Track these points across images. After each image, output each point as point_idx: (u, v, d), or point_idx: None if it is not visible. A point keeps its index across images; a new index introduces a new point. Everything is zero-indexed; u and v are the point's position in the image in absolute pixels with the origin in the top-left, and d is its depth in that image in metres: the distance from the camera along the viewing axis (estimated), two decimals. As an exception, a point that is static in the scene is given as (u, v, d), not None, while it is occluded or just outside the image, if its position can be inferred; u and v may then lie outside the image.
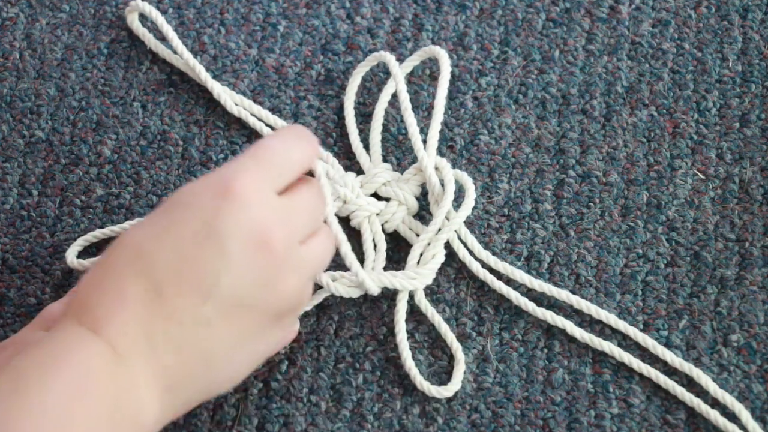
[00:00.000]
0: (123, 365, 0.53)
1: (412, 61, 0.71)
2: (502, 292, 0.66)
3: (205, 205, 0.55)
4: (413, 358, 0.65)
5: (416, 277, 0.65)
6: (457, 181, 0.67)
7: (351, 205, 0.67)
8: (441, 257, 0.66)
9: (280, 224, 0.56)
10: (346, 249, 0.63)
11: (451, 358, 0.65)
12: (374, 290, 0.64)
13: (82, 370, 0.52)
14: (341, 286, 0.64)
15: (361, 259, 0.67)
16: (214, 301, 0.54)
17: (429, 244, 0.66)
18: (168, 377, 0.55)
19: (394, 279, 0.65)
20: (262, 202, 0.55)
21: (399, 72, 0.69)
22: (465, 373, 0.65)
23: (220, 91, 0.71)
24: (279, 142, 0.58)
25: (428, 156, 0.67)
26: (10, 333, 0.66)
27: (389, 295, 0.67)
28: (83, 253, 0.68)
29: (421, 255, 0.66)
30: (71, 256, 0.67)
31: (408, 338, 0.65)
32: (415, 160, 0.69)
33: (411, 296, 0.66)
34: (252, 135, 0.71)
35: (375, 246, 0.67)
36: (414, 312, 0.66)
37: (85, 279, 0.56)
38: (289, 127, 0.63)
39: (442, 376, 0.65)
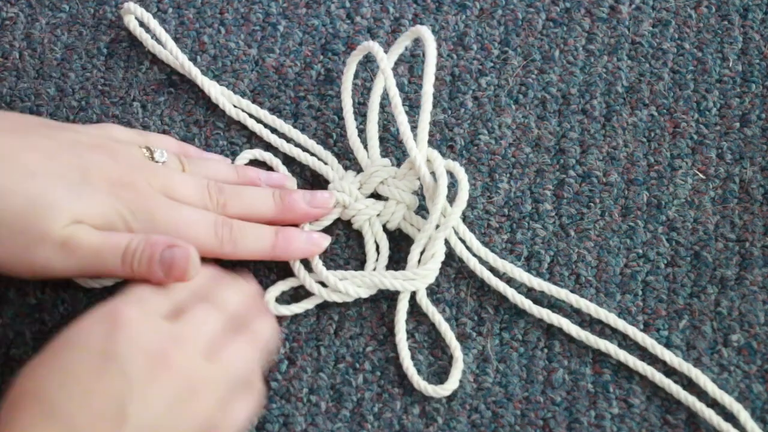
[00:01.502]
0: None
1: (399, 46, 0.70)
2: (499, 289, 0.66)
3: (97, 337, 0.55)
4: (413, 358, 0.65)
5: (416, 278, 0.65)
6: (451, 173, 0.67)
7: (350, 210, 0.67)
8: (441, 255, 0.66)
9: (175, 344, 0.56)
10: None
11: (452, 358, 0.65)
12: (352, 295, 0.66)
13: None
14: (350, 287, 0.65)
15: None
16: (131, 430, 0.54)
17: (429, 240, 0.66)
18: None
19: (395, 281, 0.65)
20: (150, 325, 0.56)
21: (386, 61, 0.68)
22: (465, 372, 0.65)
23: (218, 93, 0.71)
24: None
25: (419, 149, 0.66)
26: (10, 333, 0.66)
27: (389, 295, 0.67)
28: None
29: (421, 254, 0.66)
30: None
31: (408, 338, 0.65)
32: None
33: (413, 295, 0.66)
34: (252, 136, 0.71)
35: (378, 246, 0.67)
36: (414, 312, 0.66)
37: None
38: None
39: (442, 376, 0.65)
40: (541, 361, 0.65)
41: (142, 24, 0.73)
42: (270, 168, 0.70)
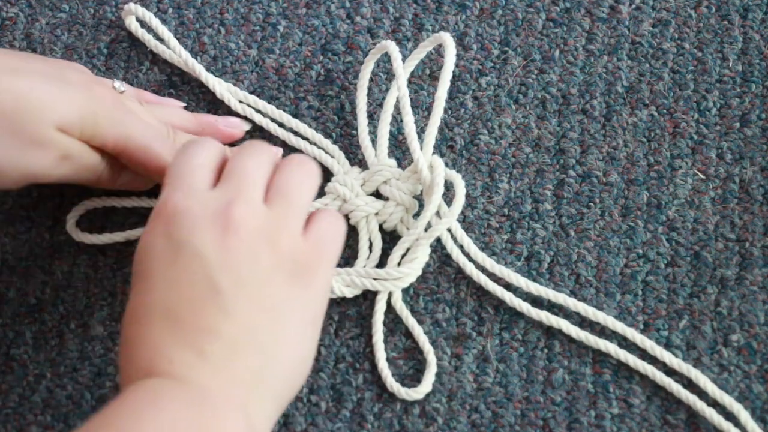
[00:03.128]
0: (203, 398, 0.54)
1: (420, 52, 0.70)
2: (497, 294, 0.66)
3: (160, 237, 0.57)
4: (413, 358, 0.65)
5: (388, 279, 0.65)
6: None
7: (349, 204, 0.68)
8: (422, 260, 0.66)
9: (229, 204, 0.57)
10: None
11: (454, 358, 0.65)
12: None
13: (169, 417, 0.53)
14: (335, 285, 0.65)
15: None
16: (227, 293, 0.55)
17: (414, 243, 0.66)
18: (241, 384, 0.54)
19: (365, 280, 0.65)
20: (198, 199, 0.57)
21: (399, 61, 0.68)
22: (465, 373, 0.65)
23: (223, 90, 0.71)
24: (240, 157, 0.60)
25: (424, 154, 0.67)
26: (10, 333, 0.66)
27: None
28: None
29: (405, 256, 0.66)
30: (71, 222, 0.68)
31: (407, 339, 0.66)
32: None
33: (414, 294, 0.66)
34: (255, 131, 0.71)
35: (372, 245, 0.68)
36: (414, 312, 0.66)
37: (124, 345, 0.57)
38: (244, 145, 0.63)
39: (442, 376, 0.65)
40: (541, 361, 0.65)
41: (143, 24, 0.73)
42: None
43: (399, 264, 0.66)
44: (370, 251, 0.68)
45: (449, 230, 0.67)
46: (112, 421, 0.52)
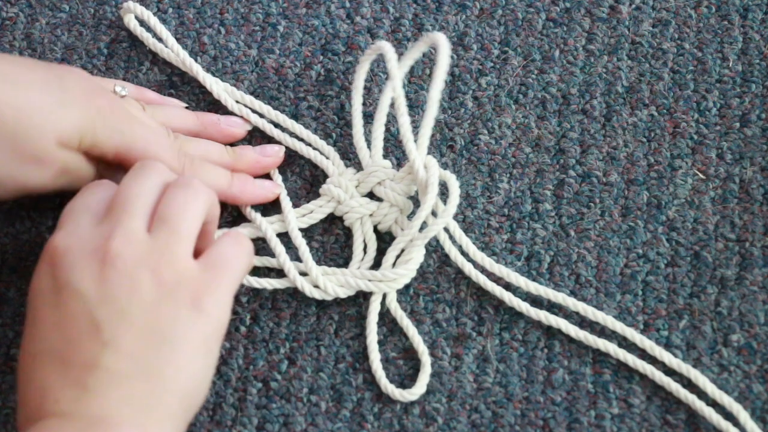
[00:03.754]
0: (92, 425, 0.54)
1: (414, 52, 0.69)
2: (495, 293, 0.66)
3: (44, 282, 0.58)
4: (412, 359, 0.65)
5: (384, 280, 0.65)
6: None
7: (344, 206, 0.68)
8: (417, 261, 0.66)
9: (107, 239, 0.57)
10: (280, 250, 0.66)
11: (454, 358, 0.65)
12: (312, 293, 0.66)
13: None
14: (329, 285, 0.65)
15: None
16: (106, 327, 0.56)
17: (409, 244, 0.66)
18: (134, 407, 0.55)
19: (360, 281, 0.65)
20: (79, 237, 0.58)
21: (394, 61, 0.68)
22: (465, 373, 0.65)
23: (221, 90, 0.71)
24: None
25: (418, 154, 0.66)
26: (10, 333, 0.66)
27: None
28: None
29: (400, 257, 0.66)
30: None
31: (406, 339, 0.66)
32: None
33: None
34: (253, 133, 0.71)
35: (366, 246, 0.68)
36: (414, 312, 0.66)
37: (18, 389, 0.57)
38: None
39: (442, 376, 0.65)
40: (541, 361, 0.65)
41: (142, 23, 0.73)
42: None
43: (394, 265, 0.66)
44: (365, 253, 0.68)
45: (447, 230, 0.67)
46: None
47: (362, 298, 0.67)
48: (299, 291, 0.66)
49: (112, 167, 0.64)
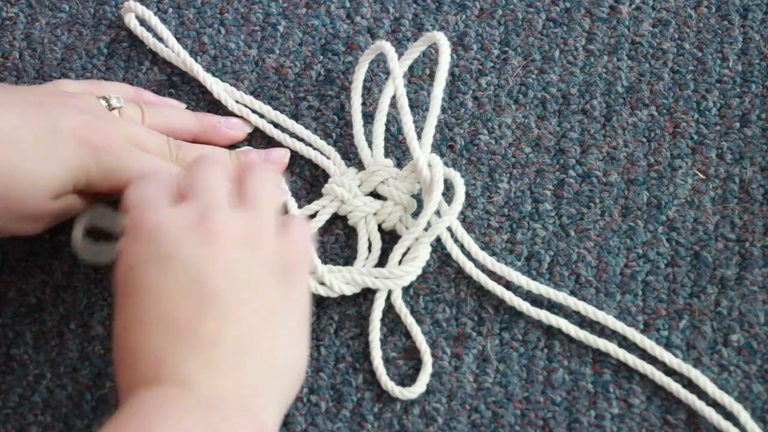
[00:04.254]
0: (211, 404, 0.53)
1: (414, 51, 0.70)
2: (496, 293, 0.66)
3: (140, 254, 0.57)
4: (413, 358, 0.65)
5: (390, 277, 0.65)
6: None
7: (347, 205, 0.68)
8: (423, 259, 0.66)
9: (205, 213, 0.57)
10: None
11: (454, 358, 0.65)
12: (324, 291, 0.66)
13: (180, 425, 0.53)
14: (335, 282, 0.65)
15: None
16: (223, 299, 0.55)
17: (415, 242, 0.66)
18: (249, 387, 0.54)
19: (366, 278, 0.65)
20: (174, 214, 0.57)
21: (395, 60, 0.68)
22: (465, 373, 0.65)
23: (220, 90, 0.71)
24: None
25: (422, 153, 0.67)
26: (10, 333, 0.66)
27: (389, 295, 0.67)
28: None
29: (406, 255, 0.66)
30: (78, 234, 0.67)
31: (407, 339, 0.66)
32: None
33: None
34: (253, 133, 0.71)
35: (371, 245, 0.68)
36: (414, 312, 0.66)
37: (122, 355, 0.56)
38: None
39: (442, 376, 0.65)
40: (541, 361, 0.65)
41: (142, 23, 0.73)
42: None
43: (400, 263, 0.66)
44: (369, 251, 0.68)
45: (450, 229, 0.67)
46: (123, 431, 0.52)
47: (362, 298, 0.67)
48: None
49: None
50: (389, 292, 0.66)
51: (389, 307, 0.67)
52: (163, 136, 0.66)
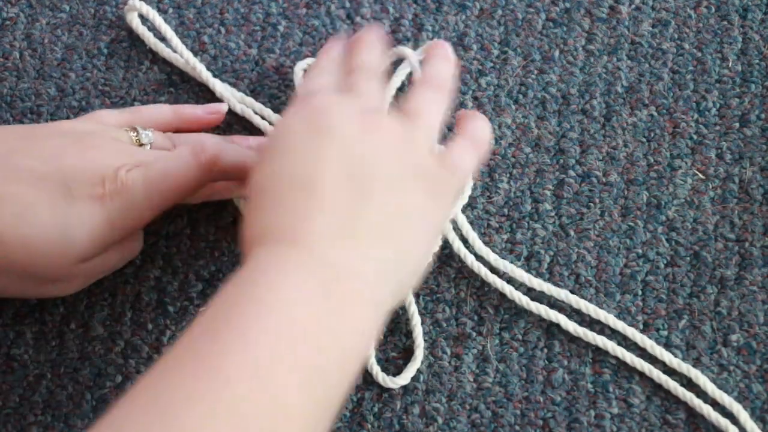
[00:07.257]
0: (338, 281, 0.54)
1: (398, 76, 0.72)
2: (497, 286, 0.66)
3: (301, 125, 0.58)
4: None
5: None
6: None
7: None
8: (431, 251, 0.66)
9: (364, 102, 0.61)
10: None
11: (454, 358, 0.65)
12: None
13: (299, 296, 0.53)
14: None
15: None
16: (369, 180, 0.56)
17: None
18: (374, 272, 0.55)
19: None
20: (335, 96, 0.61)
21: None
22: (465, 372, 0.65)
23: (222, 90, 0.71)
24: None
25: None
26: (11, 333, 0.66)
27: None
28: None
29: None
30: None
31: (407, 339, 0.66)
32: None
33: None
34: (253, 133, 0.71)
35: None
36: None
37: (254, 210, 0.57)
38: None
39: (442, 376, 0.65)
40: (541, 361, 0.65)
41: (144, 22, 0.73)
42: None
43: None
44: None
45: (454, 221, 0.67)
46: (243, 290, 0.52)
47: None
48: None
49: None
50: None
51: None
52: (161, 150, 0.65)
